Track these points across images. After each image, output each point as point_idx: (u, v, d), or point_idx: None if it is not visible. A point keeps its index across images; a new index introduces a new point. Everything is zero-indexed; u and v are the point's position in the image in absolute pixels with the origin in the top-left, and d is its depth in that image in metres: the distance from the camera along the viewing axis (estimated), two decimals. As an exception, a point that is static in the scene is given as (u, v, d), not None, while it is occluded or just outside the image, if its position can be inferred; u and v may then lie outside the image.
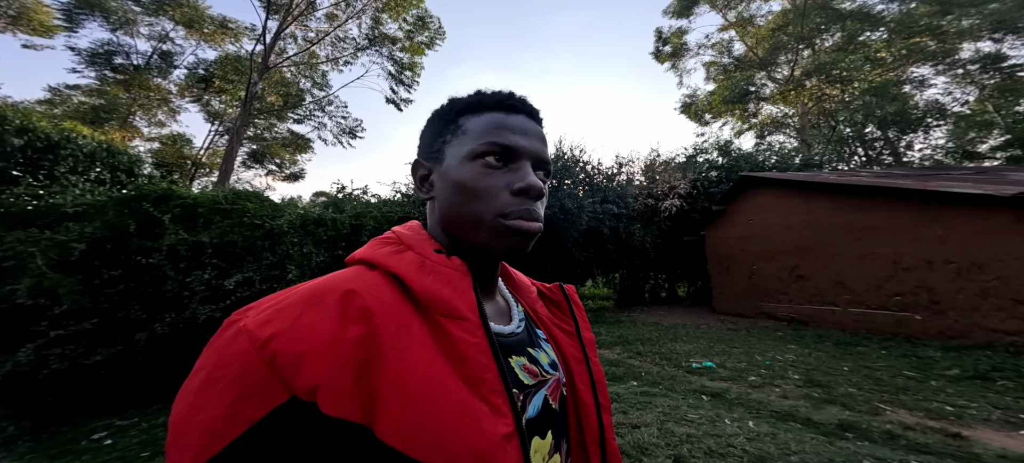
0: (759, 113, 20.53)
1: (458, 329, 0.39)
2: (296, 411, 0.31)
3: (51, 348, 3.30)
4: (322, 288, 0.37)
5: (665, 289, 12.70)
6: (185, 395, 0.33)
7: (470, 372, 0.38)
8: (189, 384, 0.33)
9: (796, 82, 17.36)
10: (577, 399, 0.53)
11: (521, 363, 0.46)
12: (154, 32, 16.36)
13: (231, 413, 0.30)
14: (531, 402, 0.45)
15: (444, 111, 0.50)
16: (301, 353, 0.32)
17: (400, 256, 0.43)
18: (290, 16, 14.73)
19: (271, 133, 19.27)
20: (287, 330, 0.33)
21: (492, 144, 0.45)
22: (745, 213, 9.05)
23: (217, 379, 0.32)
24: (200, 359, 0.34)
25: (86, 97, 16.17)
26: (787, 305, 7.78)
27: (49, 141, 8.33)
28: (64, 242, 3.77)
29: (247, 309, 0.36)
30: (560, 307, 0.60)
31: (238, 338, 0.33)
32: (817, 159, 13.65)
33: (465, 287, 0.42)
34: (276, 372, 0.31)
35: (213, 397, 0.31)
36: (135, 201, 4.47)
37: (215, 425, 0.30)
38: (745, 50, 20.12)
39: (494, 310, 0.51)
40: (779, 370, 4.52)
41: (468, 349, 0.38)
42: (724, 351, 5.45)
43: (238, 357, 0.32)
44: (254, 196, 5.99)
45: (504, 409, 0.38)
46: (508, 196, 0.44)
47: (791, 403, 3.52)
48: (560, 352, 0.55)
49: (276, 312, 0.34)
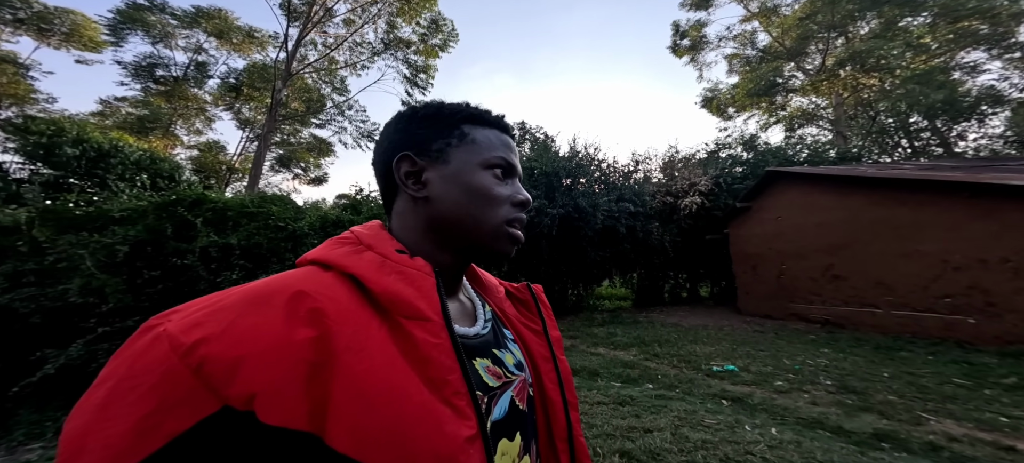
0: (788, 105, 19.53)
1: (420, 330, 0.38)
2: (228, 421, 0.29)
3: (99, 343, 3.49)
4: (267, 289, 0.35)
5: (686, 289, 12.25)
6: (84, 409, 0.29)
7: (432, 374, 0.37)
8: (88, 398, 0.30)
9: (829, 72, 16.38)
10: (545, 397, 0.53)
11: (485, 365, 0.46)
12: (190, 44, 17.46)
13: (145, 427, 0.28)
14: (496, 404, 0.44)
15: (442, 115, 0.50)
16: (237, 358, 0.30)
17: (358, 256, 0.41)
18: (310, 23, 15.34)
19: (296, 138, 20.11)
20: (220, 334, 0.30)
21: (502, 159, 0.49)
22: (773, 210, 8.60)
23: (127, 391, 0.29)
24: (104, 369, 0.31)
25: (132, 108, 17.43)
26: (821, 306, 7.30)
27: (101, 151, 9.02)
28: (110, 244, 4.03)
29: (170, 312, 0.33)
30: (528, 306, 0.60)
31: (156, 345, 0.30)
32: (855, 151, 12.80)
33: (428, 287, 0.41)
34: (204, 380, 0.29)
35: (121, 410, 0.28)
36: (172, 205, 4.72)
37: (123, 441, 0.27)
38: (770, 41, 19.17)
39: (458, 311, 0.50)
40: (809, 375, 4.24)
41: (430, 350, 0.37)
42: (748, 354, 5.18)
43: (156, 365, 0.29)
44: (278, 199, 6.25)
45: (467, 411, 0.37)
46: (510, 206, 0.48)
47: (821, 410, 3.28)
48: (527, 351, 0.55)
49: (207, 315, 0.32)
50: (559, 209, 8.39)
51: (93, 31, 16.10)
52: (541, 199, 8.41)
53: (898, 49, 14.53)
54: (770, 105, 19.51)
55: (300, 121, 18.73)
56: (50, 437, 3.04)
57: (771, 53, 19.02)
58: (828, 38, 17.14)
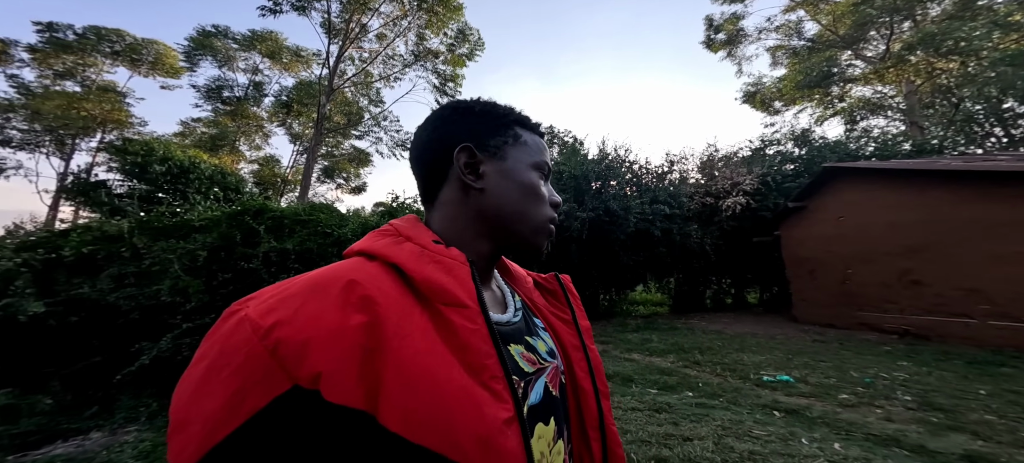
0: (846, 96, 17.71)
1: (458, 317, 0.39)
2: (298, 399, 0.31)
3: (184, 338, 3.87)
4: (324, 278, 0.37)
5: (731, 295, 11.40)
6: (186, 385, 0.33)
7: (471, 359, 0.38)
8: (190, 374, 0.33)
9: (896, 58, 14.68)
10: (576, 386, 0.54)
11: (520, 351, 0.47)
12: (248, 65, 19.36)
13: (234, 402, 0.31)
14: (533, 389, 0.45)
15: (498, 115, 0.53)
16: (304, 341, 0.32)
17: (399, 246, 0.44)
18: (347, 39, 16.38)
19: (338, 150, 21.46)
20: (290, 319, 0.33)
21: (545, 163, 0.53)
22: (832, 209, 7.80)
23: (220, 368, 0.32)
24: (200, 348, 0.34)
25: (206, 128, 19.55)
26: (897, 316, 6.46)
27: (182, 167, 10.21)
28: (192, 250, 4.54)
29: (248, 299, 0.36)
30: (556, 297, 0.61)
31: (240, 327, 0.33)
32: (935, 143, 11.32)
33: (464, 275, 0.43)
34: (279, 361, 0.31)
35: (216, 386, 0.31)
36: (239, 215, 5.22)
37: (218, 414, 0.30)
38: (820, 30, 17.55)
39: (491, 299, 0.52)
40: (883, 389, 3.73)
41: (469, 336, 0.39)
42: (806, 365, 4.67)
43: (241, 346, 0.32)
44: (325, 208, 6.70)
45: (505, 395, 0.38)
46: (548, 206, 0.52)
47: (897, 427, 2.85)
48: (558, 340, 0.55)
49: (279, 301, 0.35)
50: (589, 212, 8.21)
51: (173, 59, 18.40)
52: (570, 202, 8.27)
53: (982, 29, 12.73)
54: (824, 97, 17.81)
55: (342, 133, 20.00)
56: (144, 421, 3.35)
57: (822, 42, 17.41)
58: (891, 22, 15.41)
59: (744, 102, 20.19)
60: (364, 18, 16.13)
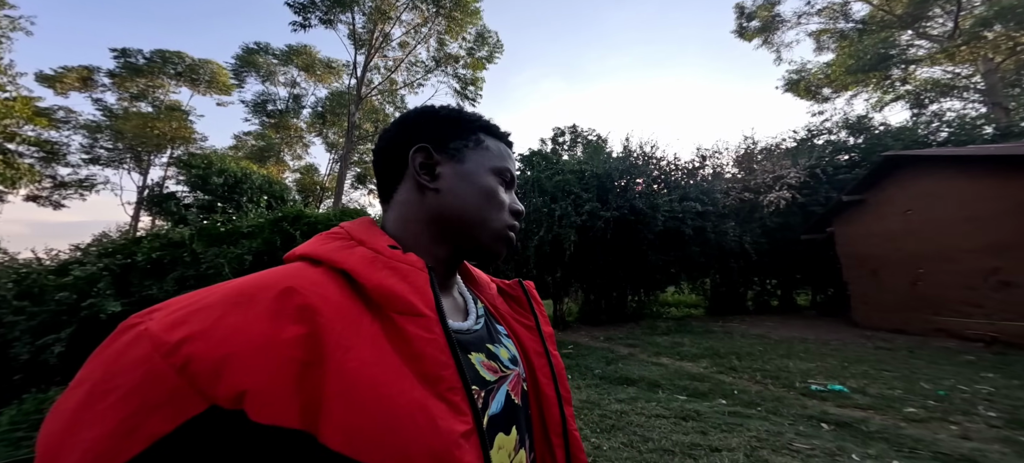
0: (910, 78, 15.84)
1: (413, 326, 0.37)
2: (217, 421, 0.28)
3: None
4: (252, 286, 0.34)
5: (776, 296, 10.50)
6: (59, 414, 0.28)
7: (427, 369, 0.36)
8: (65, 401, 0.29)
9: (969, 35, 12.92)
10: (539, 392, 0.53)
11: (480, 359, 0.46)
12: (287, 79, 20.88)
13: (125, 429, 0.26)
14: (494, 399, 0.44)
15: (462, 119, 0.52)
16: (223, 357, 0.29)
17: (350, 251, 0.41)
18: (372, 49, 17.16)
19: (368, 157, 22.43)
20: (205, 332, 0.30)
21: (508, 170, 0.52)
22: (898, 202, 6.98)
23: (105, 392, 0.28)
24: (83, 369, 0.30)
25: (255, 141, 21.23)
26: (983, 321, 5.62)
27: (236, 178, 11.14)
28: (240, 255, 4.93)
29: (152, 310, 0.32)
30: (520, 302, 0.60)
31: (137, 344, 0.29)
32: (1023, 126, 9.82)
33: (421, 282, 0.41)
34: (189, 379, 0.28)
35: (100, 413, 0.27)
36: (279, 222, 5.61)
37: (102, 444, 0.26)
38: (871, 10, 15.83)
39: (450, 306, 0.50)
40: (961, 404, 3.21)
41: (424, 346, 0.37)
42: (866, 374, 4.16)
43: (136, 365, 0.28)
44: (355, 213, 7.03)
45: (463, 406, 0.36)
46: (508, 213, 0.51)
47: (975, 446, 2.43)
48: (521, 346, 0.55)
49: (191, 313, 0.31)
50: (613, 212, 7.92)
51: (225, 77, 20.25)
52: (593, 202, 8.01)
53: None
54: (882, 80, 16.04)
55: (371, 141, 20.95)
56: None
57: (876, 23, 15.69)
58: None
59: (787, 91, 18.71)
60: (387, 27, 16.85)
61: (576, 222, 7.64)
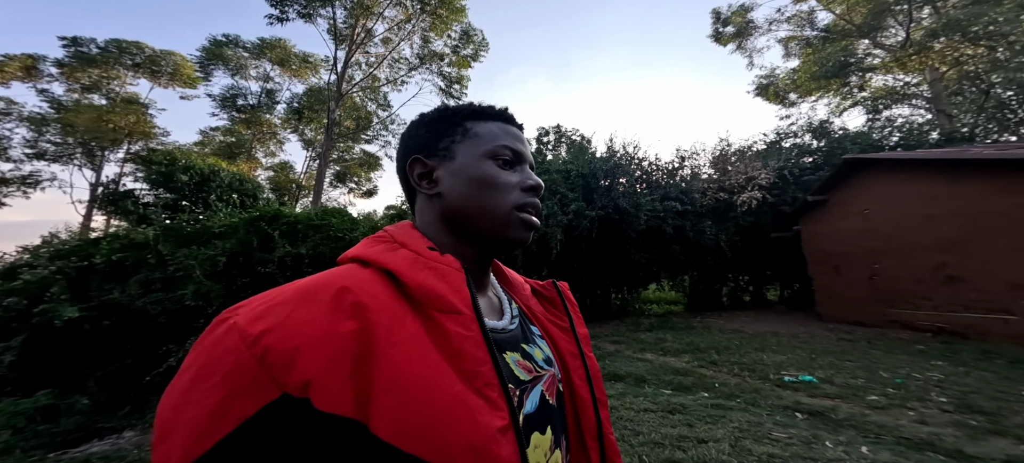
0: (867, 86, 17.02)
1: (452, 324, 0.39)
2: (287, 408, 0.31)
3: None
4: (315, 285, 0.37)
5: (749, 292, 11.03)
6: (172, 393, 0.32)
7: (465, 366, 0.37)
8: (177, 382, 0.33)
9: (917, 45, 14.02)
10: (574, 394, 0.53)
11: (515, 359, 0.46)
12: (259, 73, 19.94)
13: (220, 410, 0.30)
14: (528, 398, 0.44)
15: (446, 116, 0.52)
16: (293, 348, 0.32)
17: (393, 253, 0.43)
18: (354, 45, 16.64)
19: (349, 155, 21.87)
20: (279, 326, 0.33)
21: (506, 147, 0.50)
22: (856, 202, 7.49)
23: (206, 376, 0.32)
24: (188, 357, 0.34)
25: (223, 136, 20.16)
26: (932, 312, 6.13)
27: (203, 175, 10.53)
28: (212, 256, 4.68)
29: (238, 306, 0.36)
30: (554, 303, 0.60)
31: (228, 335, 0.33)
32: (965, 132, 10.77)
33: (459, 282, 0.42)
34: (267, 368, 0.31)
35: (202, 395, 0.31)
36: (256, 221, 5.36)
37: (203, 423, 0.30)
38: (834, 19, 16.92)
39: (486, 306, 0.51)
40: (916, 390, 3.52)
41: (463, 343, 0.38)
42: (832, 365, 4.46)
43: (228, 354, 0.32)
44: (337, 213, 6.82)
45: (499, 403, 0.37)
46: (520, 192, 0.49)
47: (932, 430, 2.67)
48: (555, 348, 0.55)
49: (268, 308, 0.34)
50: (598, 211, 8.08)
51: (189, 69, 19.07)
52: (578, 201, 8.14)
53: (1009, 13, 12.05)
54: (842, 87, 17.15)
55: (351, 138, 20.38)
56: None
57: (837, 31, 16.77)
58: (910, 9, 14.75)
59: (757, 95, 19.67)
60: (369, 23, 16.37)
61: (562, 221, 7.75)
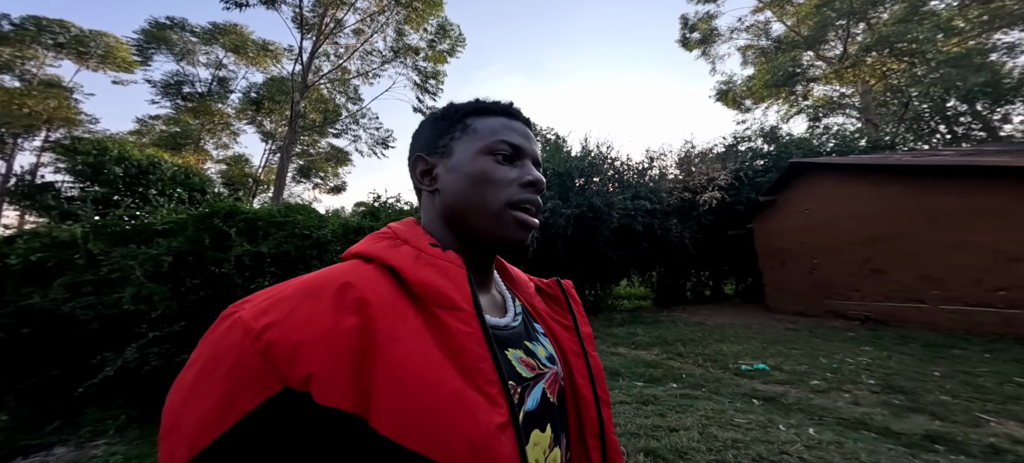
0: (809, 95, 18.72)
1: (453, 320, 0.39)
2: (289, 401, 0.31)
3: (151, 347, 3.70)
4: (319, 280, 0.37)
5: (709, 287, 11.85)
6: (179, 387, 0.33)
7: (465, 362, 0.38)
8: (184, 376, 0.34)
9: (853, 59, 15.61)
10: (576, 393, 0.53)
11: (518, 356, 0.46)
12: (211, 60, 18.32)
13: (224, 404, 0.31)
14: (529, 395, 0.44)
15: (448, 113, 0.52)
16: (296, 343, 0.32)
17: (396, 249, 0.44)
18: (322, 35, 15.80)
19: (315, 149, 20.71)
20: (282, 320, 0.33)
21: (504, 142, 0.49)
22: (800, 203, 8.22)
23: (211, 370, 0.32)
24: (196, 351, 0.34)
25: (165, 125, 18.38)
26: (860, 302, 6.89)
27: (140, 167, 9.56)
28: (156, 255, 4.30)
29: (244, 301, 0.36)
30: (557, 302, 0.60)
31: (233, 329, 0.33)
32: (887, 140, 12.12)
33: (460, 278, 0.43)
34: (270, 362, 0.32)
35: (207, 388, 0.32)
36: (208, 218, 4.96)
37: (208, 415, 0.31)
38: (785, 31, 18.46)
39: (489, 303, 0.51)
40: (850, 374, 3.97)
41: (463, 339, 0.39)
42: (780, 353, 4.91)
43: (232, 348, 0.33)
44: (303, 209, 6.46)
45: (499, 399, 0.37)
46: (517, 187, 0.48)
47: (864, 410, 3.04)
48: (558, 346, 0.55)
49: (272, 303, 0.35)
50: (573, 209, 8.30)
51: (125, 52, 17.14)
52: (555, 200, 8.33)
53: (927, 33, 13.72)
54: (790, 95, 18.74)
55: (318, 131, 19.31)
56: (112, 434, 3.23)
57: (787, 43, 18.30)
58: (848, 25, 16.38)
59: (718, 100, 20.95)
60: (339, 13, 15.58)
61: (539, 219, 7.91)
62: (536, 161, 0.52)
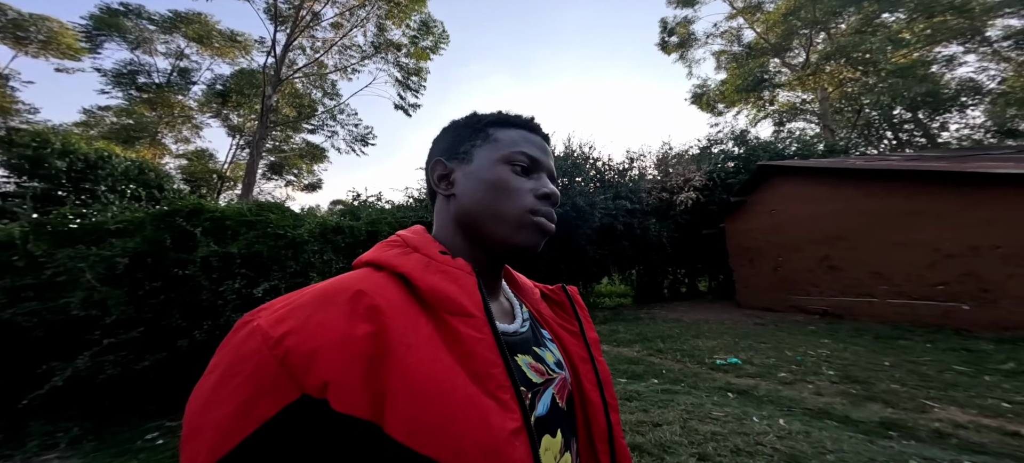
0: (775, 100, 19.82)
1: (464, 326, 0.40)
2: (307, 409, 0.32)
3: (105, 355, 3.49)
4: (333, 288, 0.38)
5: (685, 284, 12.34)
6: (199, 393, 0.33)
7: (477, 368, 0.38)
8: (204, 383, 0.34)
9: (813, 67, 16.66)
10: (584, 398, 0.53)
11: (527, 361, 0.47)
12: (171, 49, 17.08)
13: (243, 410, 0.31)
14: (540, 400, 0.45)
15: (471, 121, 0.54)
16: (312, 351, 0.33)
17: (406, 257, 0.44)
18: (297, 28, 15.11)
19: (288, 145, 19.81)
20: (299, 328, 0.33)
21: (523, 154, 0.50)
22: (767, 203, 8.70)
23: (231, 377, 0.33)
24: (214, 358, 0.35)
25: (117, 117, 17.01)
26: (819, 298, 7.39)
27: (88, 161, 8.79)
28: (109, 257, 3.99)
29: (261, 309, 0.37)
30: (563, 308, 0.60)
31: (252, 337, 0.34)
32: (842, 145, 13.03)
33: (470, 285, 0.43)
34: (288, 369, 0.32)
35: (227, 395, 0.32)
36: (169, 216, 4.67)
37: (228, 422, 0.31)
38: (755, 37, 19.45)
39: (498, 310, 0.52)
40: (812, 366, 4.26)
41: (474, 345, 0.39)
42: (751, 347, 5.21)
43: (251, 355, 0.33)
44: (276, 207, 6.18)
45: (512, 405, 0.38)
46: (532, 198, 0.49)
47: (826, 400, 3.29)
48: (565, 352, 0.55)
49: (289, 311, 0.35)
50: (557, 209, 8.38)
51: (70, 38, 15.71)
52: (539, 199, 8.41)
53: (879, 44, 14.83)
54: (758, 100, 19.76)
55: (292, 127, 18.47)
56: (65, 447, 3.07)
57: (757, 49, 19.27)
58: (811, 34, 17.45)
59: (693, 103, 21.75)
60: (317, 6, 14.94)
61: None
62: (552, 175, 0.53)
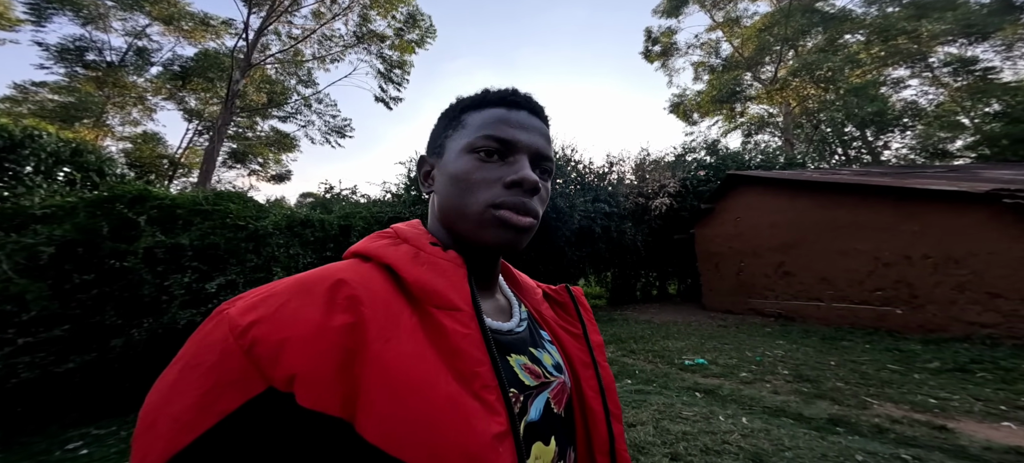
0: (746, 113, 20.95)
1: (450, 320, 0.37)
2: (272, 403, 0.30)
3: (20, 356, 3.21)
4: (312, 277, 0.36)
5: (656, 287, 12.85)
6: (160, 385, 0.31)
7: (462, 366, 0.35)
8: (165, 374, 0.32)
9: (781, 82, 17.75)
10: (585, 406, 0.50)
11: (522, 362, 0.44)
12: (129, 28, 15.70)
13: (204, 403, 0.29)
14: (533, 404, 0.42)
15: (450, 109, 0.50)
16: (281, 341, 0.30)
17: (395, 248, 0.42)
18: (274, 13, 14.32)
19: (254, 132, 18.75)
20: (269, 317, 0.31)
21: (489, 138, 0.44)
22: (733, 211, 9.22)
23: (193, 368, 0.31)
24: (182, 349, 0.33)
25: (54, 94, 15.45)
26: (774, 301, 7.94)
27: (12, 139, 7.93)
28: (31, 245, 3.65)
29: (236, 299, 0.35)
30: (566, 309, 0.58)
31: (219, 326, 0.32)
32: (800, 158, 14.00)
33: (459, 278, 0.41)
34: (254, 360, 0.30)
35: (187, 386, 0.30)
36: (108, 203, 4.34)
37: (186, 415, 0.29)
38: (731, 51, 20.47)
39: (493, 307, 0.49)
40: (769, 366, 4.59)
41: (460, 341, 0.36)
42: (715, 347, 5.52)
43: (216, 345, 0.31)
44: (237, 197, 5.86)
45: (498, 407, 0.35)
46: (500, 188, 0.43)
47: (782, 399, 3.57)
48: (566, 355, 0.52)
49: (262, 300, 0.33)
50: (538, 209, 8.51)
51: (3, 6, 14.09)
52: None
53: (839, 63, 16.01)
54: (731, 112, 20.81)
55: (259, 114, 17.49)
56: None
57: (732, 62, 20.29)
58: (782, 50, 18.56)
59: (671, 111, 22.57)
60: None
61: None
62: (537, 155, 0.45)
